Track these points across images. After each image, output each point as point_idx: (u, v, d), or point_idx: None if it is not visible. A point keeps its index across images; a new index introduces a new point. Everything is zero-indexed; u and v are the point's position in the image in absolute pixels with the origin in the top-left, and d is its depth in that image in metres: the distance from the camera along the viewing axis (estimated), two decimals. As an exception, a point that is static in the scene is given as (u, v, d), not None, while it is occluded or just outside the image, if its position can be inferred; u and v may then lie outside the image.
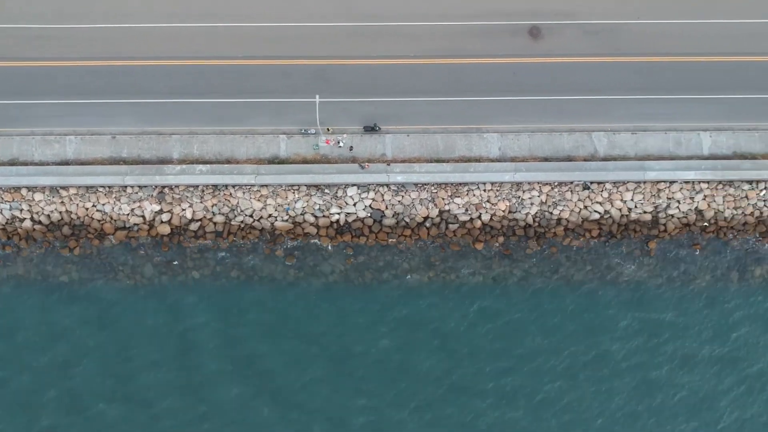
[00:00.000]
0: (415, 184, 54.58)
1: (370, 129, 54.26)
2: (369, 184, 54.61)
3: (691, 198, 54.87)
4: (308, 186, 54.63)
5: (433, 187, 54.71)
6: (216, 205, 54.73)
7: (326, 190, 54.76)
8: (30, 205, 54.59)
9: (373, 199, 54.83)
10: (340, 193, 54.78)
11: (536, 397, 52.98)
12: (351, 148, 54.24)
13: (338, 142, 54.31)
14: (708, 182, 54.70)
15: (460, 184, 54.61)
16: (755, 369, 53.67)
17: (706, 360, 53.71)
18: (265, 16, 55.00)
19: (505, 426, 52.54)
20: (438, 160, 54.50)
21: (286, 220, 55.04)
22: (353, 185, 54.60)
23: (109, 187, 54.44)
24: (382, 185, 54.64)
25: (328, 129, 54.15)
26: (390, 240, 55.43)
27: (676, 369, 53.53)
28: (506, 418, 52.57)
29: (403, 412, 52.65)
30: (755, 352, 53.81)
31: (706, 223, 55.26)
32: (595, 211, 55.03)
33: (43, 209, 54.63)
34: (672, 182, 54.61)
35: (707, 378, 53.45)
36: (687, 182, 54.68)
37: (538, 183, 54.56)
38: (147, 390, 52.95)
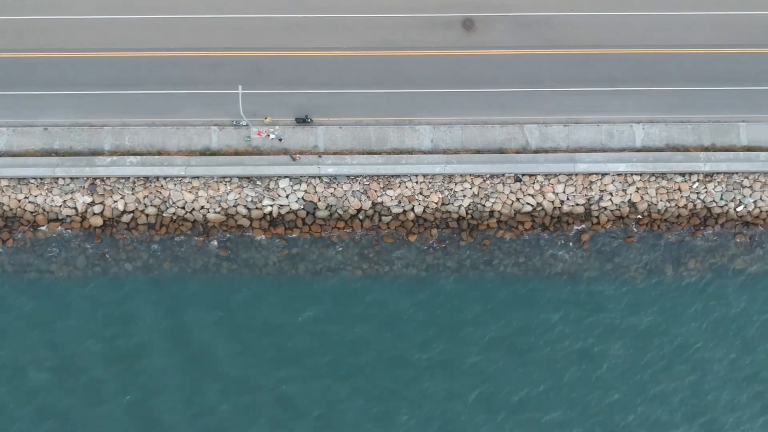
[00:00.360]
0: (348, 176, 54.49)
1: (302, 121, 54.12)
2: (301, 176, 54.52)
3: (624, 190, 54.78)
4: (240, 178, 54.53)
5: (365, 179, 54.62)
6: (148, 197, 54.62)
7: (258, 182, 54.65)
8: (-39, 197, 54.59)
9: (306, 191, 54.72)
10: (272, 185, 54.66)
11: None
12: (280, 140, 54.11)
13: (269, 134, 54.20)
14: (640, 174, 54.62)
15: (393, 176, 54.53)
16: (693, 359, 53.92)
17: (640, 352, 53.88)
18: (198, 8, 54.78)
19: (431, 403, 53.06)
20: (370, 152, 54.41)
21: (219, 212, 54.94)
22: (285, 177, 54.51)
23: (41, 178, 54.34)
24: (314, 177, 54.56)
25: (266, 118, 54.03)
26: (323, 232, 55.34)
27: (613, 362, 53.70)
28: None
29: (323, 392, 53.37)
30: (687, 344, 53.87)
31: (639, 216, 55.16)
32: (528, 204, 54.93)
33: (-26, 201, 54.66)
34: (604, 174, 54.53)
35: (642, 374, 53.62)
36: (619, 174, 54.60)
37: (470, 175, 54.47)
38: (79, 380, 53.03)
